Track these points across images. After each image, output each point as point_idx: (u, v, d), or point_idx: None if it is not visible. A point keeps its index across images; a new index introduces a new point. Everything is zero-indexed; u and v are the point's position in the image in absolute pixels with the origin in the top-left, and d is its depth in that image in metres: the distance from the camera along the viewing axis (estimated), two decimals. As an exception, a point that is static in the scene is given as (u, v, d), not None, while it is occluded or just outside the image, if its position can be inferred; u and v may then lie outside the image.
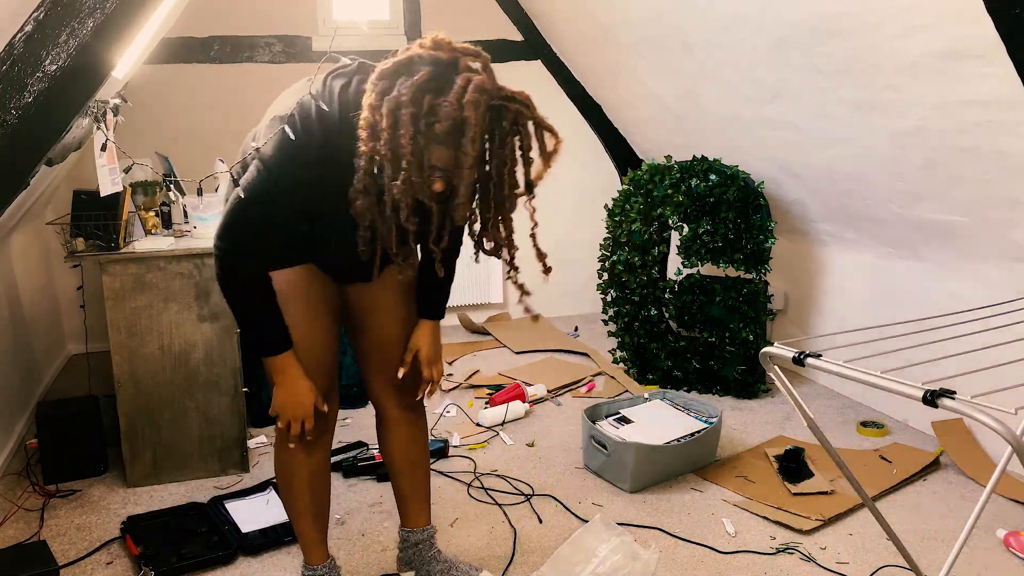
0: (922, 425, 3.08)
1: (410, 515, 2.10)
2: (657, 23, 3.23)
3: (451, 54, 1.42)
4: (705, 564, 2.25)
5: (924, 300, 3.01)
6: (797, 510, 2.48)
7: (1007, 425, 1.13)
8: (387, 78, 1.41)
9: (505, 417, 3.21)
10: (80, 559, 2.28)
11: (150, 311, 2.60)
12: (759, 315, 3.40)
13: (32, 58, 1.77)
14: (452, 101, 1.35)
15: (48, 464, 2.71)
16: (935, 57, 2.17)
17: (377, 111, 1.39)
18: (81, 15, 1.77)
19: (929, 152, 2.51)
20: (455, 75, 1.38)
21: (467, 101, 1.34)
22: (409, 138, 1.37)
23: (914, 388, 1.22)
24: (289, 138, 1.53)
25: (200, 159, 3.29)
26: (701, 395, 3.50)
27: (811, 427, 1.63)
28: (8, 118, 1.79)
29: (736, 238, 3.34)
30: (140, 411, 2.65)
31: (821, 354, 1.44)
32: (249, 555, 2.29)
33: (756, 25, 2.69)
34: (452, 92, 1.35)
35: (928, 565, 2.19)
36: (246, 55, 4.03)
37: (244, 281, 1.65)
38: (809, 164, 3.11)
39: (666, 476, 2.71)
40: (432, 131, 1.38)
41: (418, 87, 1.37)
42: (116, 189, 2.54)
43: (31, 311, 3.36)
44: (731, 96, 3.20)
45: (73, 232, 2.59)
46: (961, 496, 2.59)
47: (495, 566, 2.24)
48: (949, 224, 2.72)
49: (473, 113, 1.35)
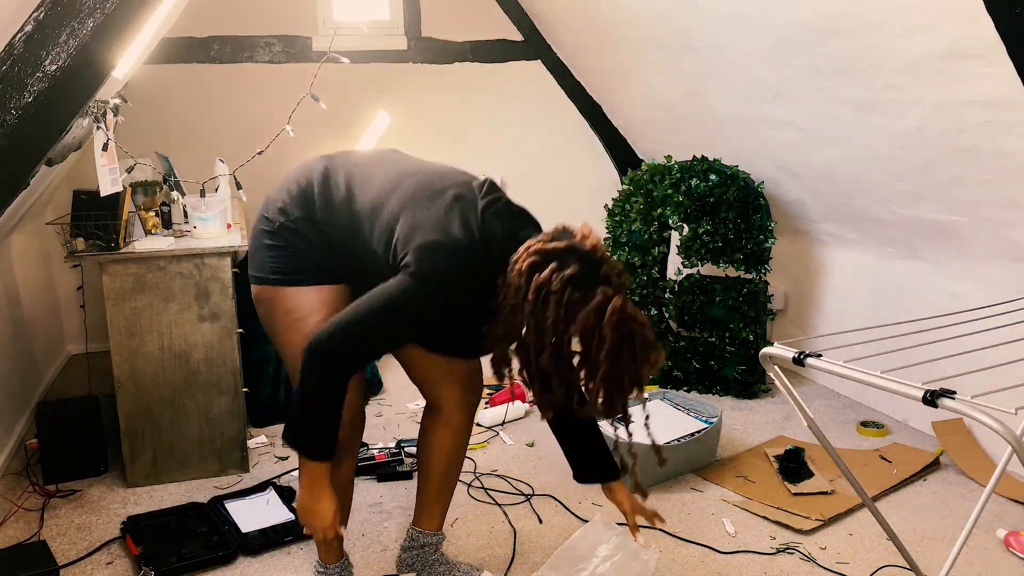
0: (922, 425, 3.08)
1: (427, 517, 2.10)
2: (658, 23, 3.22)
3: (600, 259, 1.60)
4: (705, 564, 2.25)
5: (924, 300, 3.01)
6: (797, 510, 2.48)
7: (1007, 425, 1.13)
8: (540, 255, 1.59)
9: (505, 417, 3.21)
10: (80, 559, 2.28)
11: (150, 311, 2.59)
12: (759, 315, 3.40)
13: (32, 58, 1.77)
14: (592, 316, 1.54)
15: (48, 464, 2.71)
16: (935, 57, 2.17)
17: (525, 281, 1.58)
18: (81, 15, 1.77)
19: (929, 152, 2.51)
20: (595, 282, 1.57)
21: (607, 324, 1.53)
22: (553, 320, 1.56)
23: (914, 388, 1.22)
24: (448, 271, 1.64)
25: (200, 159, 3.29)
26: (701, 395, 3.50)
27: (811, 427, 1.63)
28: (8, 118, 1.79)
29: (736, 238, 3.34)
30: (140, 411, 2.65)
31: (821, 354, 1.44)
32: (249, 555, 2.29)
33: (757, 25, 2.69)
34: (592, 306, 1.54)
35: (928, 565, 2.19)
36: (246, 55, 4.03)
37: (336, 381, 1.65)
38: (809, 164, 3.11)
39: (666, 476, 2.71)
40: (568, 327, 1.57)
41: (566, 281, 1.56)
42: (116, 189, 2.54)
43: (31, 311, 3.36)
44: (732, 96, 3.20)
45: (73, 232, 2.59)
46: (961, 496, 2.59)
47: (495, 566, 2.24)
48: (949, 224, 2.72)
49: (611, 335, 1.53)
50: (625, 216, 3.54)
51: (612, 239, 3.60)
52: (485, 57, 4.37)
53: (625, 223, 3.53)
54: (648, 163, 3.60)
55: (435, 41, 4.30)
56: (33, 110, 1.81)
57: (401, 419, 3.28)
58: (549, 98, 4.46)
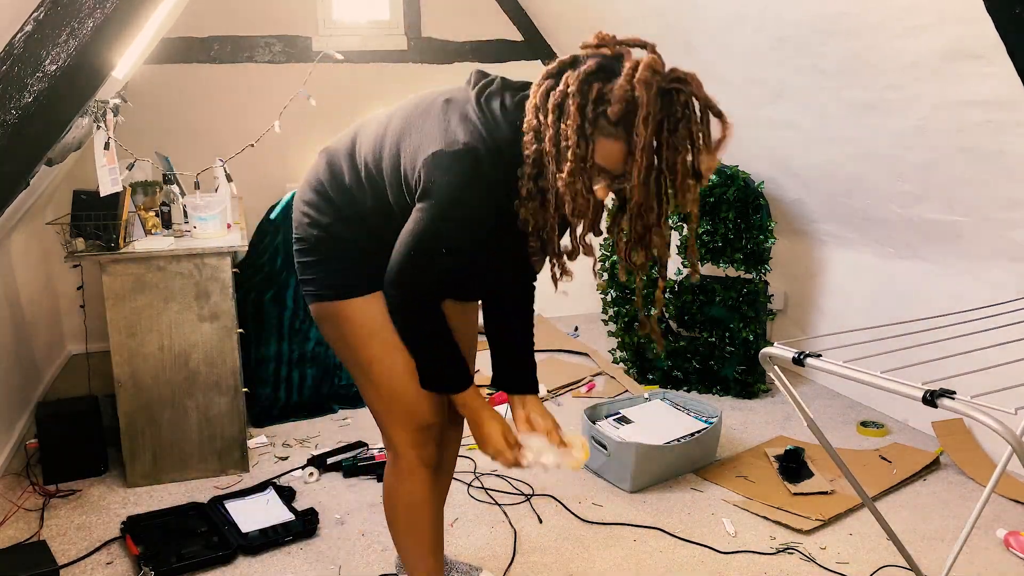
0: (922, 425, 3.08)
1: None
2: (658, 23, 3.22)
3: (616, 48, 1.37)
4: (705, 564, 2.25)
5: (924, 300, 3.01)
6: (797, 510, 2.48)
7: (1007, 425, 1.13)
8: (552, 76, 1.39)
9: (505, 416, 3.20)
10: (80, 559, 2.28)
11: (150, 311, 2.59)
12: (759, 315, 3.40)
13: (32, 58, 1.76)
14: (622, 83, 1.29)
15: (48, 464, 2.71)
16: (935, 57, 2.17)
17: (541, 110, 1.38)
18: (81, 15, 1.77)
19: (929, 152, 2.51)
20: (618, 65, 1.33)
21: (638, 80, 1.28)
22: (575, 128, 1.33)
23: (914, 388, 1.22)
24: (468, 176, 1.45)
25: (200, 159, 3.29)
26: (701, 395, 3.50)
27: (811, 427, 1.63)
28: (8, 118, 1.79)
29: (736, 238, 3.34)
30: (140, 411, 2.65)
31: (821, 354, 1.44)
32: (249, 555, 2.29)
33: (757, 25, 2.69)
34: (622, 75, 1.30)
35: (928, 565, 2.19)
36: (246, 55, 4.03)
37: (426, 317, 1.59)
38: (809, 164, 3.11)
39: (666, 476, 2.71)
40: (600, 121, 1.33)
41: (585, 74, 1.33)
42: (116, 189, 2.54)
43: (31, 311, 3.36)
44: (732, 96, 3.19)
45: (73, 232, 2.59)
46: (961, 496, 2.59)
47: (495, 566, 2.24)
48: (949, 224, 2.72)
49: (645, 93, 1.28)
50: (625, 216, 3.54)
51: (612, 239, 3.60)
52: (485, 57, 4.37)
53: (625, 223, 3.53)
54: (648, 163, 3.59)
55: (435, 41, 4.30)
56: (33, 110, 1.80)
57: (401, 419, 3.28)
58: (549, 98, 4.46)
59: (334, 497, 2.61)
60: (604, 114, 1.32)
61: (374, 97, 4.22)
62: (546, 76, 1.40)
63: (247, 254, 3.20)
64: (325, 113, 3.20)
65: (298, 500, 2.60)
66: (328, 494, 2.64)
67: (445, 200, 1.47)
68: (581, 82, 1.32)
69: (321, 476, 2.76)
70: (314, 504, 2.54)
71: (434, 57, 4.30)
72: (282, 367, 3.23)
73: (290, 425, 3.20)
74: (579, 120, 1.32)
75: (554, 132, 1.36)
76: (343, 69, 3.32)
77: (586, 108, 1.32)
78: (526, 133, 1.42)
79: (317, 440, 3.06)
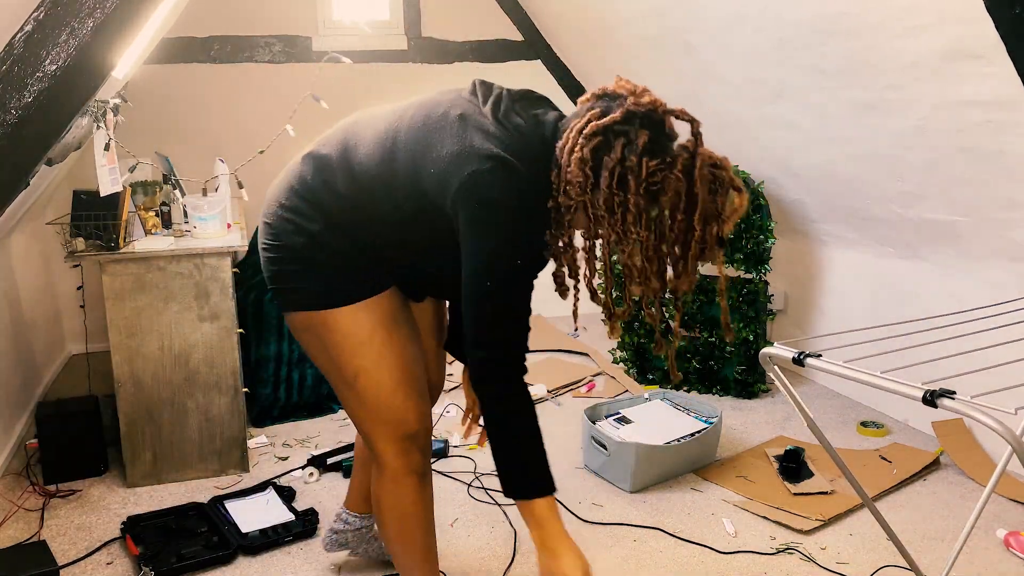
0: (922, 425, 3.08)
1: (364, 504, 2.10)
2: (658, 23, 3.22)
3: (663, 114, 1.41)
4: (705, 564, 2.25)
5: (924, 300, 3.01)
6: (797, 510, 2.48)
7: (1007, 425, 1.13)
8: (603, 133, 1.39)
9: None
10: (80, 559, 2.28)
11: (150, 311, 2.59)
12: (759, 315, 3.40)
13: (32, 58, 1.76)
14: (680, 177, 1.36)
15: (48, 464, 2.71)
16: (935, 57, 2.17)
17: (587, 165, 1.38)
18: (81, 15, 1.77)
19: (929, 152, 2.51)
20: (667, 140, 1.39)
21: (699, 177, 1.36)
22: (635, 205, 1.37)
23: (914, 388, 1.22)
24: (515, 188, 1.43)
25: (200, 159, 3.29)
26: (701, 395, 3.50)
27: (811, 427, 1.63)
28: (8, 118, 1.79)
29: (736, 238, 3.34)
30: (140, 411, 2.65)
31: (821, 354, 1.44)
32: (249, 555, 2.29)
33: (757, 25, 2.69)
34: (678, 165, 1.36)
35: (928, 565, 2.19)
36: (246, 55, 4.03)
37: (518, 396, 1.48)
38: (809, 164, 3.11)
39: (666, 476, 2.71)
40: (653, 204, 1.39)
41: (642, 152, 1.36)
42: (116, 189, 2.54)
43: (31, 311, 3.36)
44: (732, 96, 3.20)
45: (73, 232, 2.59)
46: (961, 496, 2.59)
47: (495, 566, 2.24)
48: (949, 224, 2.72)
49: (703, 190, 1.36)
50: (625, 216, 3.54)
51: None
52: (485, 57, 4.37)
53: (625, 223, 3.53)
54: (648, 163, 3.59)
55: (435, 41, 4.30)
56: (33, 110, 1.80)
57: (401, 419, 3.28)
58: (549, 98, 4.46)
59: (334, 497, 2.61)
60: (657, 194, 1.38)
61: (374, 97, 4.19)
62: (592, 132, 1.39)
63: (247, 254, 3.20)
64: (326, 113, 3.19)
65: (298, 500, 2.60)
66: (328, 494, 2.64)
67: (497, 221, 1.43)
68: (640, 157, 1.36)
69: (321, 476, 2.76)
70: (314, 504, 2.54)
71: (434, 57, 4.30)
72: (282, 367, 3.23)
73: (290, 425, 3.20)
74: (638, 195, 1.36)
75: (609, 199, 1.38)
76: (343, 69, 3.32)
77: (642, 185, 1.36)
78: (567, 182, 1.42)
79: (317, 440, 3.06)
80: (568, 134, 1.42)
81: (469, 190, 1.42)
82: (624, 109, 1.39)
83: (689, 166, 1.36)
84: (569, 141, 1.41)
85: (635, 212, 1.37)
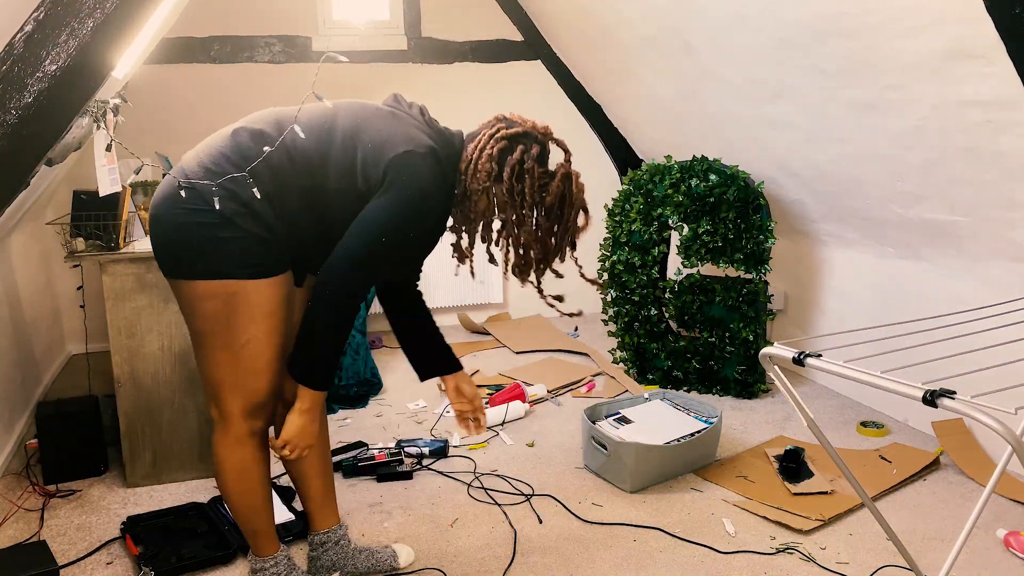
0: (922, 425, 3.08)
1: (329, 516, 2.12)
2: (658, 23, 3.23)
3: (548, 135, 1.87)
4: (705, 564, 2.25)
5: (924, 300, 3.01)
6: (797, 510, 2.48)
7: (1007, 425, 1.13)
8: (508, 140, 1.81)
9: (505, 417, 3.21)
10: (80, 559, 2.29)
11: (150, 311, 2.60)
12: (759, 315, 3.40)
13: (32, 58, 1.76)
14: (560, 184, 1.81)
15: (48, 464, 2.71)
16: (935, 57, 2.17)
17: (494, 161, 1.79)
18: (81, 15, 1.77)
19: (929, 152, 2.51)
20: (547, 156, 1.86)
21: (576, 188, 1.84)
22: (531, 193, 1.79)
23: (914, 388, 1.22)
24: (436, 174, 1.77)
25: (200, 159, 3.29)
26: (701, 395, 3.50)
27: (811, 427, 1.63)
28: (8, 118, 1.79)
29: (736, 238, 3.34)
30: (140, 411, 2.65)
31: (821, 354, 1.44)
32: (249, 555, 2.29)
33: (757, 25, 2.69)
34: (560, 175, 1.82)
35: (928, 565, 2.19)
36: (246, 55, 4.03)
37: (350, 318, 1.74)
38: (809, 164, 3.11)
39: (666, 476, 2.71)
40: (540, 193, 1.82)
41: (536, 158, 1.80)
42: (116, 189, 2.54)
43: (31, 311, 3.36)
44: (731, 96, 3.20)
45: (73, 232, 2.59)
46: (961, 496, 2.59)
47: (495, 566, 2.24)
48: (949, 224, 2.72)
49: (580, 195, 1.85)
50: (625, 216, 3.54)
51: (612, 239, 3.60)
52: (485, 57, 4.37)
53: (625, 223, 3.54)
54: (648, 163, 3.60)
55: (435, 41, 4.30)
56: (33, 110, 1.80)
57: (401, 419, 3.28)
58: (549, 98, 4.46)
59: (334, 497, 2.61)
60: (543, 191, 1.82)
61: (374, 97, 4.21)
62: (501, 137, 1.81)
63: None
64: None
65: (298, 500, 2.59)
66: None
67: (416, 194, 1.73)
68: (535, 162, 1.80)
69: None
70: (314, 504, 2.54)
71: (434, 57, 4.30)
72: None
73: (290, 425, 3.19)
74: (532, 189, 1.79)
75: (510, 188, 1.79)
76: (343, 69, 3.32)
77: (536, 183, 1.80)
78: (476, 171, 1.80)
79: (317, 440, 3.06)
80: (481, 137, 1.82)
81: (403, 162, 1.73)
82: (524, 127, 1.84)
83: (567, 176, 1.83)
84: (481, 142, 1.81)
85: (530, 201, 1.80)
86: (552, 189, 1.80)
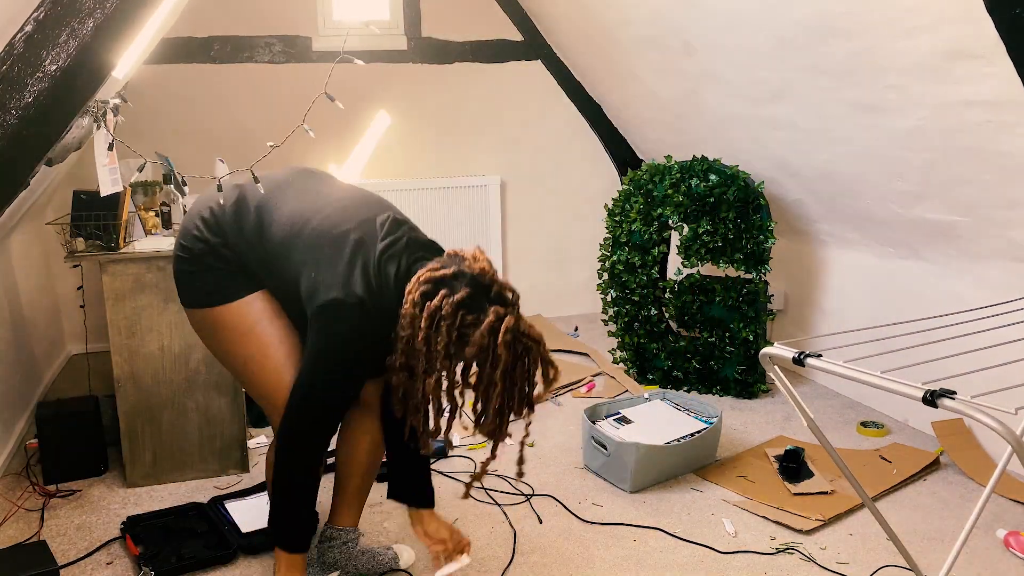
0: (922, 425, 3.08)
1: (349, 515, 2.14)
2: (658, 23, 3.23)
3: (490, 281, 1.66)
4: (705, 564, 2.25)
5: (924, 300, 3.01)
6: (797, 510, 2.48)
7: (1007, 425, 1.13)
8: (432, 284, 1.65)
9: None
10: (80, 559, 2.28)
11: (150, 311, 2.60)
12: (759, 315, 3.40)
13: (32, 58, 1.76)
14: (484, 334, 1.60)
15: (48, 464, 2.71)
16: (935, 57, 2.17)
17: (417, 307, 1.65)
18: (81, 15, 1.77)
19: (929, 152, 2.51)
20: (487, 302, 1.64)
21: (501, 342, 1.59)
22: (443, 346, 1.62)
23: (914, 388, 1.22)
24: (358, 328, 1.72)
25: (200, 159, 3.29)
26: (701, 395, 3.50)
27: (811, 427, 1.63)
28: (8, 118, 1.79)
29: (736, 238, 3.34)
30: (140, 411, 2.65)
31: (821, 354, 1.44)
32: (249, 555, 2.29)
33: (757, 25, 2.69)
34: (485, 324, 1.60)
35: (928, 565, 2.19)
36: (246, 55, 4.03)
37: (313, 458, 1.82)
38: (809, 164, 3.12)
39: (666, 476, 2.71)
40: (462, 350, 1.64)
41: (457, 304, 1.62)
42: (116, 189, 2.54)
43: (31, 311, 3.36)
44: (732, 96, 3.20)
45: (73, 232, 2.59)
46: (961, 496, 2.59)
47: (495, 566, 2.24)
48: (949, 224, 2.72)
49: (505, 352, 1.60)
50: (625, 216, 3.54)
51: (612, 239, 3.60)
52: (485, 57, 4.37)
53: (625, 223, 3.54)
54: (648, 163, 3.60)
55: (435, 41, 4.30)
56: (33, 110, 1.80)
57: (401, 419, 3.28)
58: (549, 98, 4.46)
59: (334, 497, 2.61)
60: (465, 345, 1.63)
61: (374, 97, 4.22)
62: (424, 281, 1.66)
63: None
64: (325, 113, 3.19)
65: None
66: (328, 494, 2.63)
67: (337, 341, 1.73)
68: (454, 308, 1.62)
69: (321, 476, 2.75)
70: (314, 504, 2.54)
71: (434, 57, 4.30)
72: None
73: (290, 425, 3.19)
74: (449, 339, 1.62)
75: (426, 337, 1.63)
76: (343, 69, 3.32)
77: (454, 332, 1.62)
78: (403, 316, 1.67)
79: (317, 440, 3.06)
80: (414, 279, 1.68)
81: (327, 312, 1.71)
82: (456, 268, 1.66)
83: (495, 327, 1.60)
84: (411, 284, 1.68)
85: (443, 352, 1.62)
86: (474, 340, 1.61)
